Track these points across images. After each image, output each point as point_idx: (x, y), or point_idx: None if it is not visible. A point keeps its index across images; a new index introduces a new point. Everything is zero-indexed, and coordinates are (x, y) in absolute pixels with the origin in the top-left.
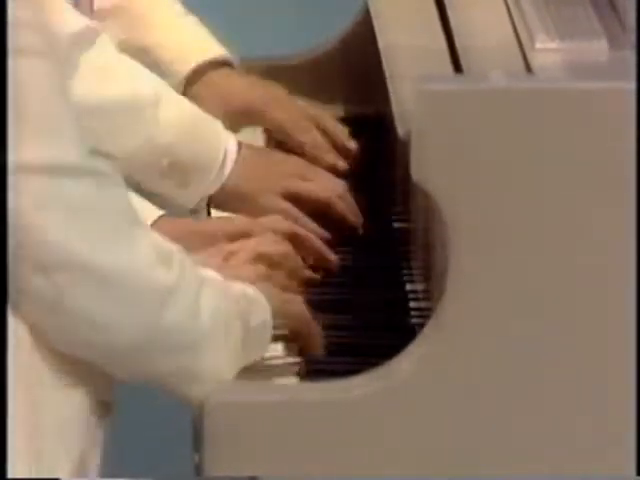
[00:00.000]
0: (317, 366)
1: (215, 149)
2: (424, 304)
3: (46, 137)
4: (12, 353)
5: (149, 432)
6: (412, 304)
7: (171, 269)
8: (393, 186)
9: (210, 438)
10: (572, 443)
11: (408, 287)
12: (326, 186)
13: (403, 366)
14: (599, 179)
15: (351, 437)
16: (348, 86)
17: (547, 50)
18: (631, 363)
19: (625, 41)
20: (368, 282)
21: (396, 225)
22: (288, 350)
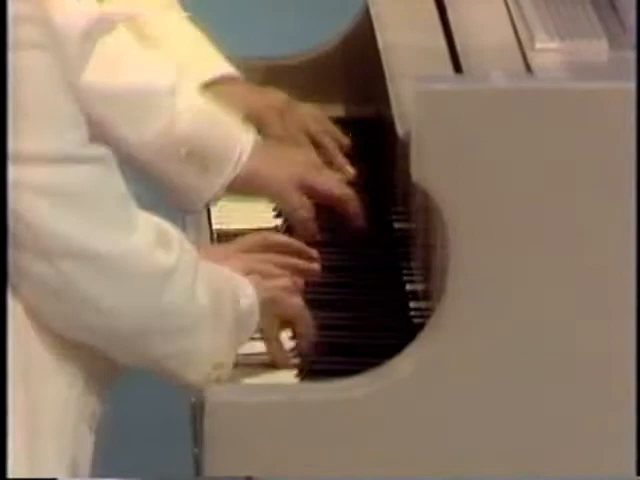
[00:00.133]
0: (317, 366)
1: (234, 135)
2: (424, 304)
3: (45, 127)
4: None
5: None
6: (412, 304)
7: (170, 251)
8: (393, 186)
9: (210, 438)
10: (572, 443)
11: (408, 287)
12: (338, 186)
13: (403, 366)
14: (599, 179)
15: (351, 437)
16: (348, 86)
17: (547, 50)
18: (631, 363)
19: (625, 41)
20: (368, 282)
21: (396, 225)
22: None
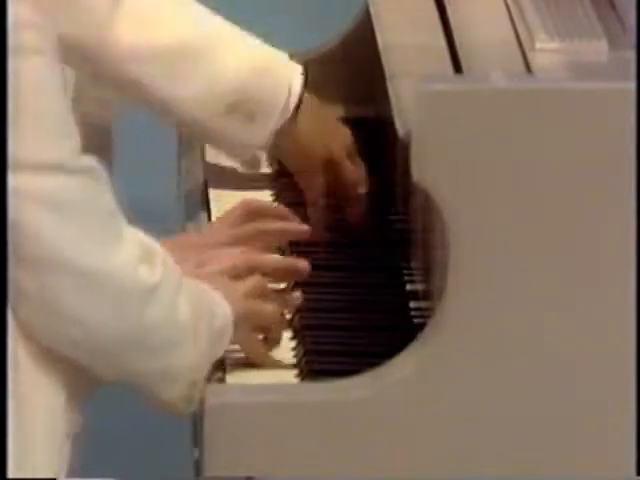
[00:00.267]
0: (317, 366)
1: (279, 86)
2: (424, 304)
3: (43, 135)
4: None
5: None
6: (412, 304)
7: (154, 267)
8: (393, 186)
9: (210, 438)
10: (572, 443)
11: (408, 287)
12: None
13: (403, 366)
14: (599, 179)
15: (351, 437)
16: (348, 86)
17: (547, 50)
18: (631, 363)
19: (625, 41)
20: (368, 282)
21: (396, 225)
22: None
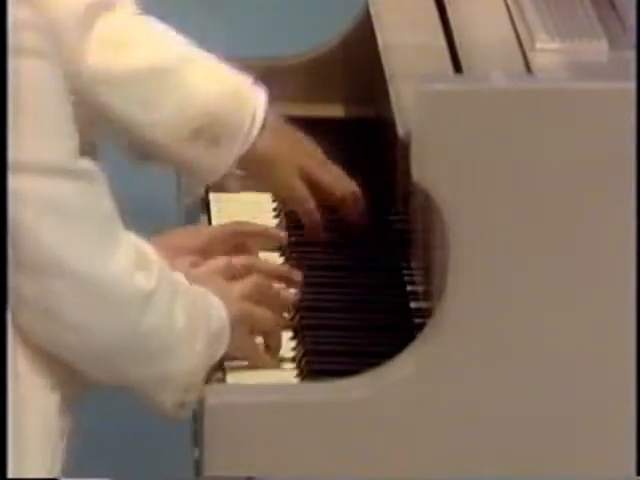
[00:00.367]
0: (317, 366)
1: (243, 110)
2: (424, 304)
3: (43, 138)
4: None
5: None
6: (412, 304)
7: (151, 274)
8: (393, 186)
9: (210, 438)
10: (572, 443)
11: (408, 287)
12: (344, 183)
13: (403, 366)
14: (599, 179)
15: (351, 437)
16: (348, 86)
17: (547, 50)
18: (631, 363)
19: (625, 41)
20: (368, 282)
21: (396, 225)
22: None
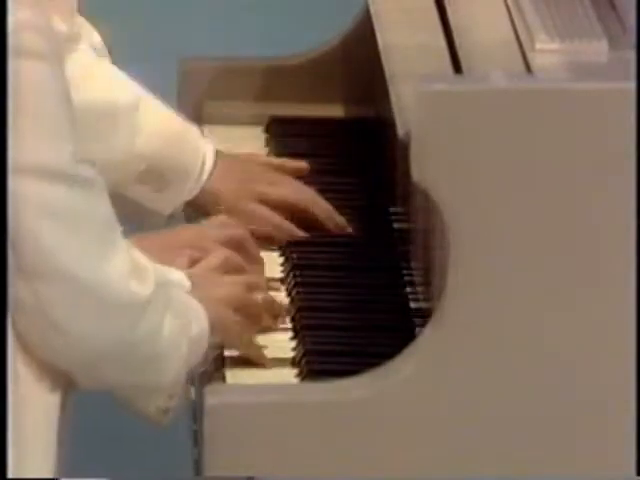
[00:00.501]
0: (317, 366)
1: (194, 156)
2: (424, 304)
3: (43, 139)
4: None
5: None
6: (412, 304)
7: (146, 283)
8: (393, 186)
9: (210, 438)
10: (572, 443)
11: (408, 288)
12: (296, 190)
13: (403, 366)
14: (599, 179)
15: (351, 437)
16: (348, 86)
17: (547, 50)
18: (631, 363)
19: (625, 41)
20: (368, 282)
21: (396, 225)
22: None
